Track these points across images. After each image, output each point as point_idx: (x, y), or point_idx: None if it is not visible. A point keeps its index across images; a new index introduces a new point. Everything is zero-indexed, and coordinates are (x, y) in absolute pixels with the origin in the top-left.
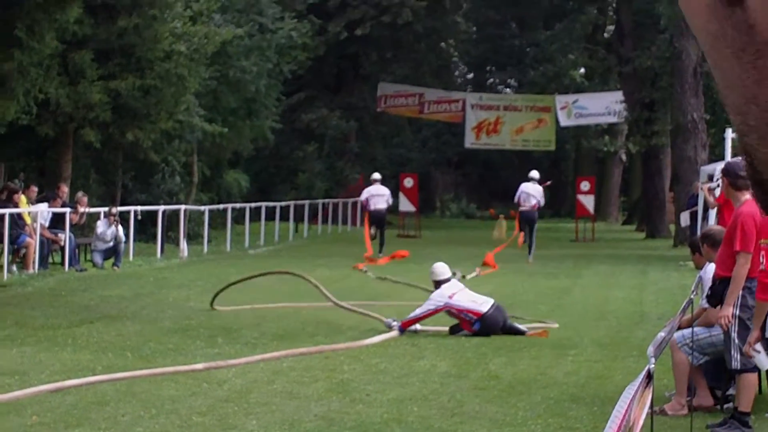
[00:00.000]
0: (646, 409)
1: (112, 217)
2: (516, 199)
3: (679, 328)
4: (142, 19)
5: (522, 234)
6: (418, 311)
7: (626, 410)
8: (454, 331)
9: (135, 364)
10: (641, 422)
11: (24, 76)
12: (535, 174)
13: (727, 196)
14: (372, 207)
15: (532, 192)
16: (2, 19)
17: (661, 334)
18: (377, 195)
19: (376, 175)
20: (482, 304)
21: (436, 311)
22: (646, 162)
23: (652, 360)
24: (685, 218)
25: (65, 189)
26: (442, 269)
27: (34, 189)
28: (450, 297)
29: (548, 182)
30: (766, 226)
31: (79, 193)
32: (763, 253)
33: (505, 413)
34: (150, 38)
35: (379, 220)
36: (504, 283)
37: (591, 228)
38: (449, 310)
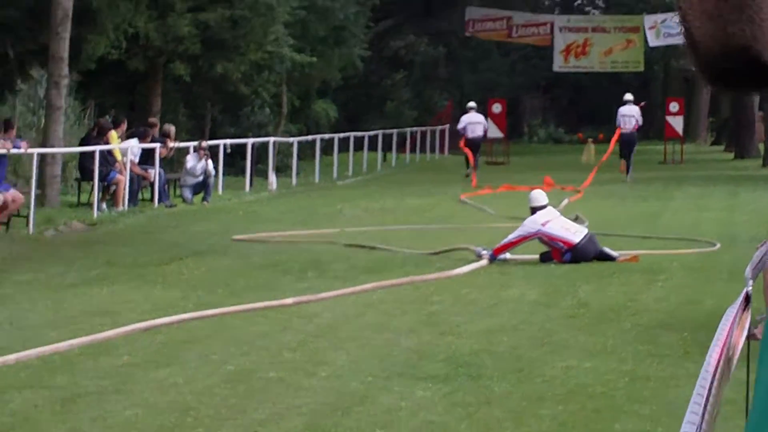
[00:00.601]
0: (745, 333)
1: (202, 151)
2: (617, 124)
3: None
4: None
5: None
6: (510, 236)
7: (727, 334)
8: (544, 259)
9: (225, 301)
10: (740, 346)
11: (113, 11)
12: (629, 96)
13: None
14: (470, 134)
15: (631, 113)
16: None
17: (758, 254)
18: (475, 123)
19: (472, 104)
20: (575, 233)
21: (528, 237)
22: None
23: (750, 282)
24: None
25: (157, 124)
26: (539, 195)
27: (124, 124)
28: (543, 224)
29: (643, 103)
30: None
31: (167, 125)
32: None
33: (594, 342)
34: None
35: (476, 146)
36: (594, 208)
37: (680, 150)
38: (541, 237)
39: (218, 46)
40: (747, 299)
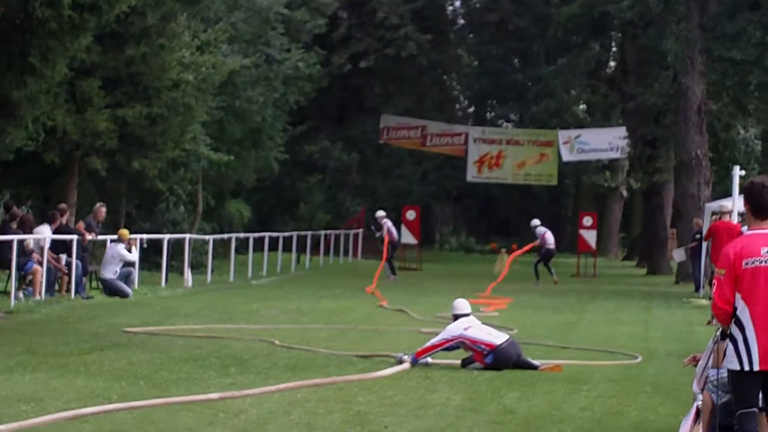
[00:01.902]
0: None
1: (132, 241)
2: (541, 237)
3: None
4: (150, 48)
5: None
6: (433, 340)
7: None
8: (465, 363)
9: (149, 393)
10: None
11: (33, 104)
12: (537, 222)
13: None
14: (398, 239)
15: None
16: (17, 47)
17: (699, 369)
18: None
19: (382, 212)
20: (497, 337)
21: (451, 340)
22: (648, 198)
23: (699, 397)
24: (680, 254)
25: (67, 209)
26: (462, 304)
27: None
28: (465, 329)
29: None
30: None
31: (98, 204)
32: (715, 281)
33: None
34: (157, 67)
35: (396, 249)
36: (510, 318)
37: (593, 263)
38: (463, 342)
39: (135, 142)
40: (698, 413)
